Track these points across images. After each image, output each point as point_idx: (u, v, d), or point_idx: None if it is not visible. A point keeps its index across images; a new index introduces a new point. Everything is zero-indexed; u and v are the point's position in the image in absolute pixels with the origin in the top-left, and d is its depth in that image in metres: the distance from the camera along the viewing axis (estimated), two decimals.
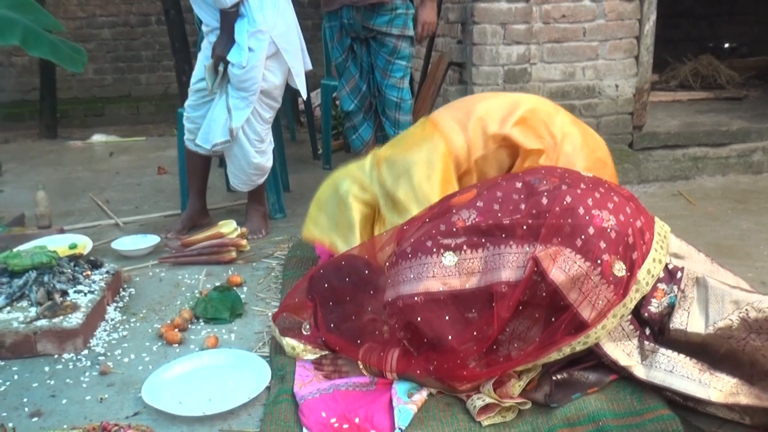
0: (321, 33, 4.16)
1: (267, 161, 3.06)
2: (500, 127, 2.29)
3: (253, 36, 2.80)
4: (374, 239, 2.09)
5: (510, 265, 1.69)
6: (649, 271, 1.73)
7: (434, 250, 1.77)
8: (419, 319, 1.72)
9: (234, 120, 2.88)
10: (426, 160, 2.29)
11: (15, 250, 2.45)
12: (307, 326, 2.02)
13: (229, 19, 2.79)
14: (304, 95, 3.24)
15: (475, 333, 1.69)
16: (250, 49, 2.80)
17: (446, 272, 1.74)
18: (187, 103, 3.07)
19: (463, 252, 1.75)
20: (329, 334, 1.93)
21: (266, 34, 2.83)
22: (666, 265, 1.78)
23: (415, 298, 1.74)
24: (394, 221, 2.23)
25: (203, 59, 2.96)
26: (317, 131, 4.72)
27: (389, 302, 1.79)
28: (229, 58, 2.82)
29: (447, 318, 1.71)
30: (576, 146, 2.28)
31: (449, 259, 1.75)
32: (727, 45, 6.15)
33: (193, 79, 3.06)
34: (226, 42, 2.82)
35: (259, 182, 3.10)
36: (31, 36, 2.72)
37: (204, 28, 2.98)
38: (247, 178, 3.05)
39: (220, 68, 2.87)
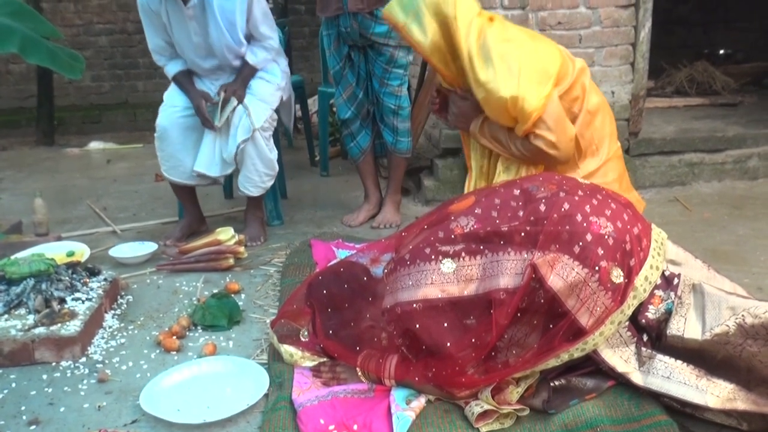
0: (318, 40, 4.17)
1: (275, 160, 3.09)
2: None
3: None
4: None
5: (508, 272, 1.70)
6: (647, 277, 1.74)
7: (432, 257, 1.77)
8: (417, 326, 1.73)
9: (255, 120, 2.94)
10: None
11: (13, 257, 2.45)
12: (306, 333, 2.02)
13: (253, 71, 3.05)
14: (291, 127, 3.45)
15: (473, 340, 1.69)
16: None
17: (445, 279, 1.75)
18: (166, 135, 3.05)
19: (461, 259, 1.76)
20: (327, 341, 1.93)
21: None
22: (663, 271, 1.79)
23: (414, 305, 1.74)
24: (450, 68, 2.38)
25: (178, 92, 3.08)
26: (314, 138, 4.73)
27: (388, 309, 1.80)
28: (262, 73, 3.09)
29: (445, 325, 1.72)
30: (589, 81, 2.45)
31: (448, 266, 1.76)
32: (722, 51, 6.17)
33: (180, 111, 3.05)
34: (242, 85, 3.00)
35: (269, 185, 3.12)
36: (29, 44, 2.72)
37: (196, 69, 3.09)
38: (259, 179, 3.05)
39: (233, 103, 2.94)
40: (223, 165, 3.04)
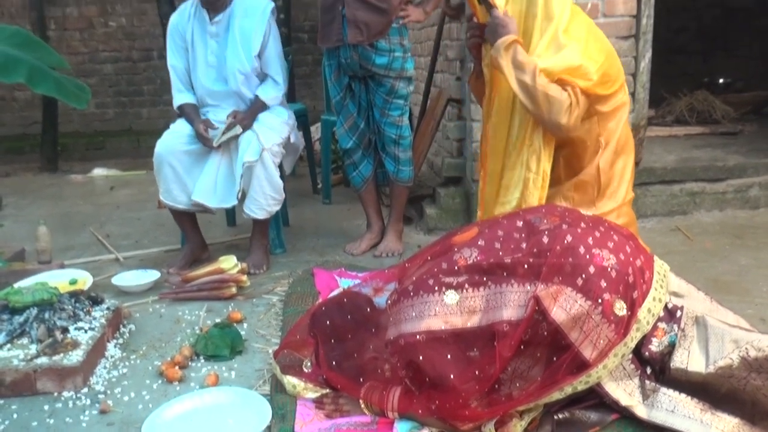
0: (321, 68, 4.21)
1: (282, 185, 3.13)
2: None
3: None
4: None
5: (511, 303, 1.70)
6: (650, 310, 1.74)
7: (436, 288, 1.78)
8: (421, 357, 1.73)
9: (266, 141, 2.99)
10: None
11: (16, 286, 2.46)
12: (309, 364, 2.02)
13: (263, 106, 3.14)
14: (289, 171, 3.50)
15: (476, 372, 1.69)
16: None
17: (448, 311, 1.75)
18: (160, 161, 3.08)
19: (464, 290, 1.76)
20: (331, 372, 1.93)
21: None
22: (666, 304, 1.79)
23: (417, 337, 1.74)
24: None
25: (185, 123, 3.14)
26: (317, 166, 4.75)
27: (391, 340, 1.80)
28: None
29: (449, 357, 1.72)
30: None
31: (451, 297, 1.76)
32: (721, 80, 6.22)
33: (183, 139, 3.09)
34: (251, 116, 3.08)
35: (275, 209, 3.13)
36: (36, 74, 2.76)
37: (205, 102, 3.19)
38: (266, 203, 3.06)
39: (237, 130, 3.00)
40: (223, 197, 3.06)
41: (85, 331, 2.28)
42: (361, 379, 1.86)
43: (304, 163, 5.13)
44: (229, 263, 2.88)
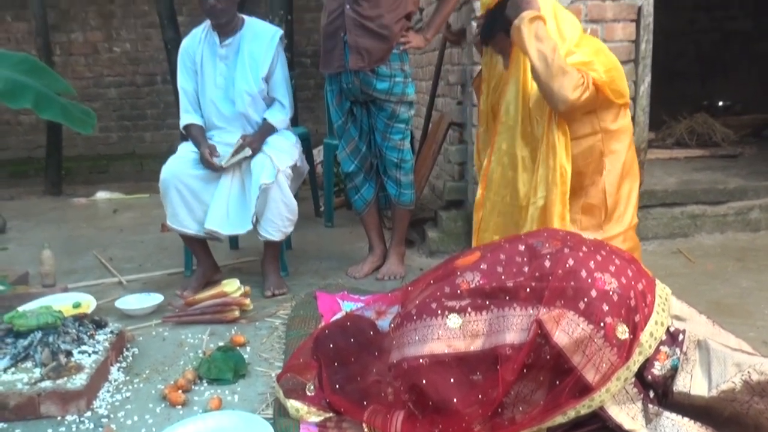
0: (323, 92, 4.26)
1: (296, 206, 3.14)
2: None
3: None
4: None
5: (514, 327, 1.71)
6: (652, 333, 1.75)
7: (439, 312, 1.79)
8: (424, 381, 1.73)
9: (280, 163, 3.01)
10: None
11: (21, 309, 2.47)
12: (312, 387, 2.02)
13: (271, 129, 3.17)
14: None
15: (480, 396, 1.69)
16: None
17: (451, 334, 1.76)
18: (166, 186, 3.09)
19: (467, 314, 1.77)
20: (334, 396, 1.93)
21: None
22: (668, 327, 1.80)
23: (420, 360, 1.75)
24: None
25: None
26: (319, 189, 4.78)
27: (394, 364, 1.80)
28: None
29: (452, 380, 1.72)
30: None
31: (454, 321, 1.77)
32: (721, 103, 6.27)
33: (189, 164, 3.10)
34: (260, 139, 3.10)
35: (290, 230, 3.15)
36: (42, 100, 2.80)
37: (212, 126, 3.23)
38: (282, 224, 3.07)
39: (245, 153, 3.03)
40: (236, 223, 3.06)
41: (89, 355, 2.29)
42: (365, 403, 1.86)
43: (306, 186, 5.15)
44: (232, 287, 2.89)
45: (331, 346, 1.96)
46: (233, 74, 3.14)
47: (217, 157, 3.04)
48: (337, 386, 1.93)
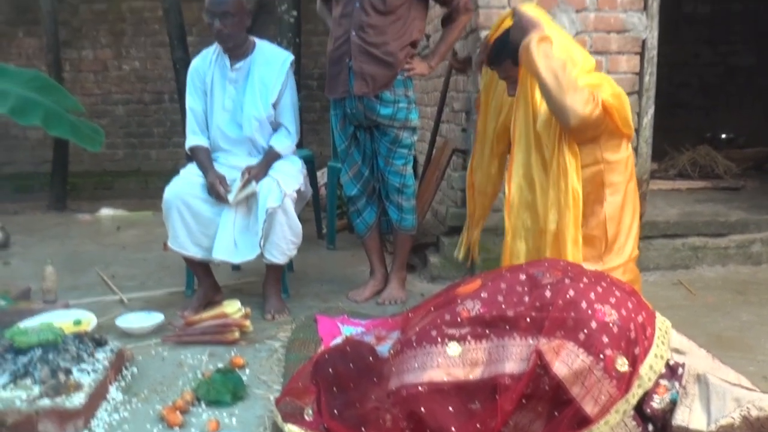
0: (328, 115, 4.29)
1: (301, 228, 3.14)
2: None
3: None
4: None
5: (514, 357, 1.72)
6: (651, 366, 1.75)
7: (439, 339, 1.79)
8: (423, 409, 1.73)
9: (287, 186, 3.02)
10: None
11: (22, 326, 2.47)
12: (310, 412, 2.01)
13: (276, 157, 3.18)
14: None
15: (478, 425, 1.70)
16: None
17: (450, 362, 1.76)
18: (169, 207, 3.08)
19: (467, 342, 1.78)
20: (332, 421, 1.93)
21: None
22: (667, 360, 1.80)
23: (419, 388, 1.76)
24: None
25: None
26: (322, 211, 4.80)
27: (393, 391, 1.81)
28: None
29: (450, 409, 1.72)
30: None
31: (453, 349, 1.78)
32: (724, 135, 6.31)
33: (195, 188, 3.10)
34: (264, 168, 3.10)
35: (294, 253, 3.15)
36: (52, 117, 2.84)
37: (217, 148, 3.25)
38: (286, 247, 3.07)
39: (252, 187, 3.03)
40: (244, 250, 3.05)
41: (88, 374, 2.28)
42: (363, 429, 1.86)
43: (309, 208, 5.17)
44: (232, 308, 2.89)
45: (331, 371, 1.97)
46: (242, 98, 3.17)
47: (229, 192, 3.03)
48: (336, 412, 1.93)
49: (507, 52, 2.52)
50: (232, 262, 3.11)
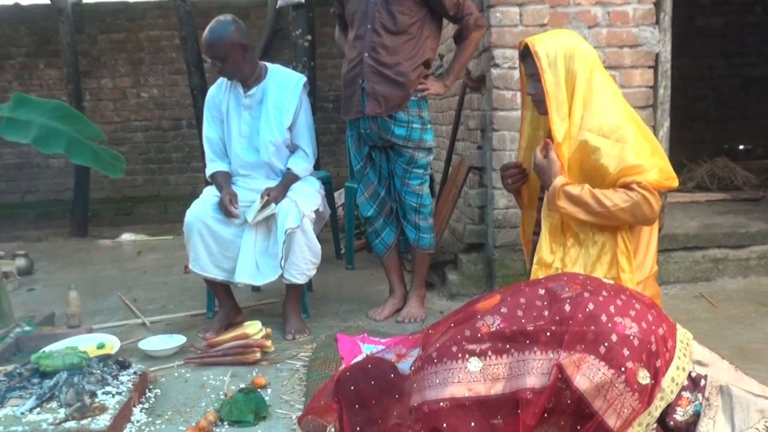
0: (345, 136, 4.33)
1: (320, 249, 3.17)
2: None
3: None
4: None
5: (535, 371, 1.72)
6: (674, 379, 1.74)
7: (459, 355, 1.80)
8: (445, 425, 1.73)
9: (305, 207, 3.06)
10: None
11: (47, 350, 2.51)
12: (333, 430, 2.02)
13: (294, 178, 3.23)
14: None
15: None
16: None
17: (471, 378, 1.76)
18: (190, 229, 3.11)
19: (488, 358, 1.78)
20: None
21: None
22: (689, 373, 1.79)
23: (441, 404, 1.76)
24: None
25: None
26: (340, 231, 4.82)
27: (415, 407, 1.81)
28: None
29: (472, 424, 1.72)
30: None
31: (474, 364, 1.78)
32: (741, 147, 6.28)
33: (213, 209, 3.13)
34: (283, 191, 3.14)
35: (313, 273, 3.18)
36: (74, 145, 2.90)
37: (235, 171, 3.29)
38: (306, 267, 3.10)
39: (272, 210, 3.06)
40: (266, 272, 3.09)
41: (113, 396, 2.31)
42: None
43: (327, 228, 5.20)
44: (254, 328, 2.91)
45: (352, 388, 1.97)
46: (258, 124, 3.21)
47: (237, 209, 3.07)
48: (358, 429, 1.93)
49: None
50: (256, 284, 3.13)
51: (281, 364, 2.82)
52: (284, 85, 3.22)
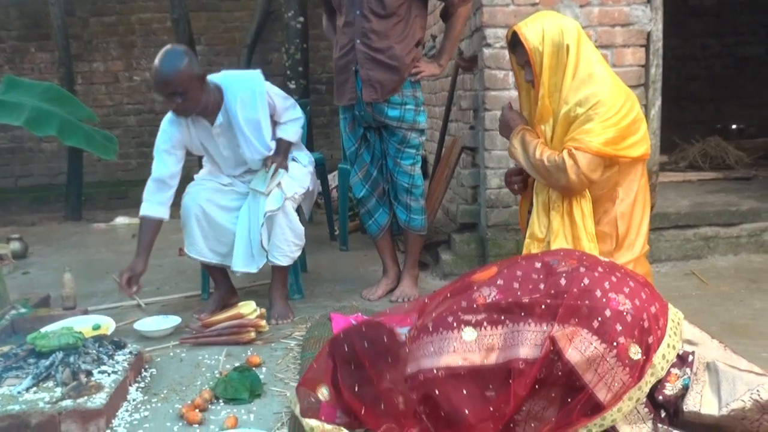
0: (338, 119, 4.33)
1: (303, 231, 3.16)
2: None
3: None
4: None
5: (528, 342, 1.74)
6: (664, 356, 1.76)
7: (455, 325, 1.82)
8: (437, 391, 1.76)
9: (288, 189, 3.04)
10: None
11: (43, 330, 2.52)
12: (325, 392, 1.98)
13: (289, 144, 3.20)
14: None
15: (491, 409, 1.72)
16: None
17: (466, 347, 1.79)
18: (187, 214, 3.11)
19: (483, 328, 1.80)
20: (351, 397, 1.91)
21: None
22: (678, 351, 1.81)
23: (436, 372, 1.78)
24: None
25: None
26: (334, 213, 4.84)
27: (410, 375, 1.83)
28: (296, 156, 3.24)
29: (465, 392, 1.75)
30: None
31: (469, 334, 1.80)
32: (734, 126, 6.29)
33: (210, 192, 3.13)
34: (284, 157, 3.14)
35: (297, 255, 3.17)
36: (66, 127, 2.89)
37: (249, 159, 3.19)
38: (289, 249, 3.10)
39: (279, 175, 3.06)
40: (260, 258, 3.08)
41: (108, 375, 2.33)
42: (382, 406, 1.85)
43: (321, 210, 5.22)
44: (248, 308, 2.93)
45: (347, 348, 1.97)
46: (237, 146, 3.09)
47: (254, 175, 3.10)
48: (355, 387, 1.91)
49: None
50: (253, 271, 3.13)
51: (276, 344, 2.84)
52: (248, 102, 3.00)
